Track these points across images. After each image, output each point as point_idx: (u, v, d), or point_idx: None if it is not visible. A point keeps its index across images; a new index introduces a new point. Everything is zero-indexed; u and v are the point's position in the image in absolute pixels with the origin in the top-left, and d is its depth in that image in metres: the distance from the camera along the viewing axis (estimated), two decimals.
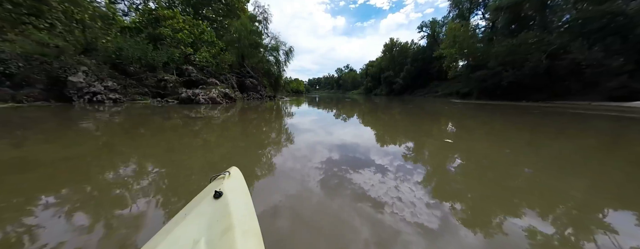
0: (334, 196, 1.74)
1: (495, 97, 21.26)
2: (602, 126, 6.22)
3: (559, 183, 2.05)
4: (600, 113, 9.72)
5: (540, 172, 2.38)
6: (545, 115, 8.59)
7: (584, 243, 1.23)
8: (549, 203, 1.69)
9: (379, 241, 1.21)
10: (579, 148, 3.60)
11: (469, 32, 26.50)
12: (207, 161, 2.66)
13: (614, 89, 15.37)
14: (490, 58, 21.99)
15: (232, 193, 0.88)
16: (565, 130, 5.46)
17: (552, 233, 1.31)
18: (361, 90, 66.85)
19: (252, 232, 0.67)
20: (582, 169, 2.59)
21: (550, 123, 6.59)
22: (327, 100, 22.17)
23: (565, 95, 17.80)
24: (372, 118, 8.07)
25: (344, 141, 3.71)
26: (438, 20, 38.34)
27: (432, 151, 3.32)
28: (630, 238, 1.27)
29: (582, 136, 4.78)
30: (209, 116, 7.03)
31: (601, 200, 1.78)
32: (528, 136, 4.69)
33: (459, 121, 7.35)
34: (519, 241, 1.24)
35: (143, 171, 2.24)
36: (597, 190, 1.99)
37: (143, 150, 3.18)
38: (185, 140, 3.73)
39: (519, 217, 1.46)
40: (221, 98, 11.78)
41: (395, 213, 1.50)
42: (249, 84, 17.90)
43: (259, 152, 3.10)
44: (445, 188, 2.02)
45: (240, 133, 4.57)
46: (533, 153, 3.24)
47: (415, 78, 41.54)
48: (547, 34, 18.89)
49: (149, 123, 5.48)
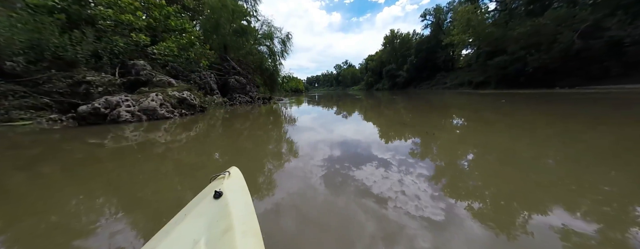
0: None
1: (517, 85, 19.19)
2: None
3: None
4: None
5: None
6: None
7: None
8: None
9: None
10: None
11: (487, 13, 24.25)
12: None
13: None
14: (509, 43, 19.84)
15: (232, 193, 0.88)
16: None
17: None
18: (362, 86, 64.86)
19: (252, 232, 0.67)
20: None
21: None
22: (329, 98, 19.81)
23: (603, 79, 15.72)
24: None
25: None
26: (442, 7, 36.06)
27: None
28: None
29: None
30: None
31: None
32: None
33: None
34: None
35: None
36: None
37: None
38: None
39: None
40: (172, 108, 6.49)
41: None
42: (234, 84, 12.55)
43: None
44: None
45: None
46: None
47: (420, 70, 39.44)
48: (579, 10, 16.65)
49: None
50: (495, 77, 21.36)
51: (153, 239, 0.73)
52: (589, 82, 15.96)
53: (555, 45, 16.77)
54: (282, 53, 17.70)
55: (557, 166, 2.20)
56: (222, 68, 13.30)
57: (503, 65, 20.08)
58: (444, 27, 36.04)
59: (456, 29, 24.96)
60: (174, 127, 5.05)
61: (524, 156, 2.50)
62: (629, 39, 14.28)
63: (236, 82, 13.03)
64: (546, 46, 17.30)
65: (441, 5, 36.30)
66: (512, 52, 19.28)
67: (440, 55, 37.10)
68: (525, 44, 18.36)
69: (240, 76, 13.47)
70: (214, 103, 9.65)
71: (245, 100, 12.49)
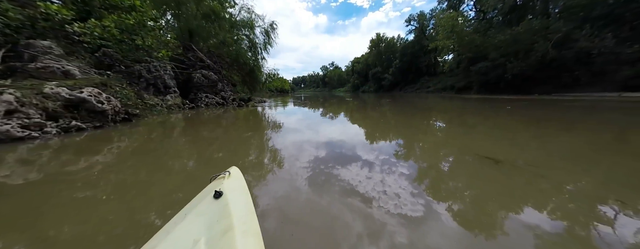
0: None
1: (497, 91, 20.00)
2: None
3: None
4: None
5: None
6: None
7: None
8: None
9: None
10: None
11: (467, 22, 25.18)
12: None
13: (629, 78, 14.32)
14: (490, 50, 20.63)
15: (232, 193, 0.88)
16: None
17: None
18: (348, 88, 65.19)
19: (252, 232, 0.68)
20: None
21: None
22: (319, 101, 18.88)
23: (573, 87, 16.79)
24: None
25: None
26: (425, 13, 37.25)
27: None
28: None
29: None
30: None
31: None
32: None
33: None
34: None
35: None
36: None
37: None
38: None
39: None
40: (38, 119, 3.50)
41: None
42: (200, 81, 9.59)
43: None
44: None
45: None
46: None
47: (405, 74, 40.36)
48: (553, 21, 17.71)
49: None
50: (477, 82, 22.15)
51: (153, 239, 0.73)
52: (562, 90, 17.01)
53: (532, 53, 17.67)
54: (265, 46, 14.24)
55: (532, 167, 2.31)
56: (185, 60, 9.97)
57: (484, 71, 20.85)
58: (426, 33, 37.23)
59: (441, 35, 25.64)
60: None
61: (503, 158, 2.71)
62: (595, 50, 15.39)
63: (203, 79, 9.76)
64: (523, 54, 18.20)
65: (425, 12, 37.45)
66: (493, 59, 20.08)
67: (423, 60, 38.26)
68: (505, 52, 19.19)
69: (211, 71, 10.33)
70: (163, 106, 6.97)
71: (214, 102, 9.52)
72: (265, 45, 14.38)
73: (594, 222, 1.32)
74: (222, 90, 10.63)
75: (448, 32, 24.27)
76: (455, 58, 27.66)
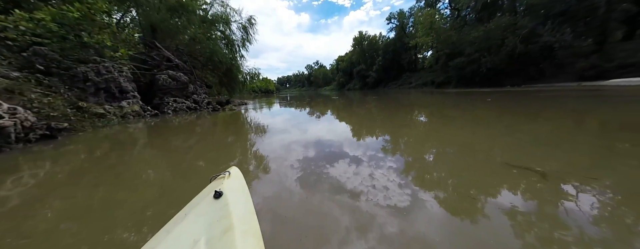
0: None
1: (474, 85, 21.12)
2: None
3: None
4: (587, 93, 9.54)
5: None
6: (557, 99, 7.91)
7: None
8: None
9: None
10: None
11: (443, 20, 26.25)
12: None
13: (585, 70, 15.77)
14: (465, 46, 21.72)
15: (232, 193, 0.88)
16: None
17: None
18: (334, 86, 65.53)
19: (252, 232, 0.68)
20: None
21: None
22: (306, 101, 18.65)
23: (540, 78, 18.17)
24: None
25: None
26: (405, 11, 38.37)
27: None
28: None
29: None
30: None
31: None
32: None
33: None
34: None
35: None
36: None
37: None
38: None
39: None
40: None
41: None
42: (166, 83, 8.35)
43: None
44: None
45: None
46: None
47: (387, 71, 41.34)
48: (519, 18, 19.00)
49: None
50: (455, 77, 23.24)
51: (153, 239, 0.73)
52: (529, 81, 18.35)
53: (502, 48, 18.86)
54: (243, 43, 12.94)
55: (503, 153, 2.52)
56: (148, 60, 8.78)
57: (461, 66, 21.93)
58: (406, 30, 38.37)
59: (420, 32, 26.52)
60: None
61: (478, 147, 2.89)
62: (557, 44, 16.76)
63: (170, 80, 8.40)
64: (495, 49, 19.37)
65: (404, 11, 38.55)
66: (468, 54, 21.17)
67: (404, 56, 39.44)
68: (479, 47, 20.32)
69: (180, 71, 9.15)
70: (116, 114, 5.83)
71: (184, 107, 8.19)
72: (243, 42, 13.01)
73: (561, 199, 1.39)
74: (194, 92, 9.33)
75: (427, 29, 25.19)
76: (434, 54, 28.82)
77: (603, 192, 1.47)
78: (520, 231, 1.14)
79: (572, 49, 16.43)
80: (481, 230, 1.16)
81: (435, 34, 24.70)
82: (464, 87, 21.47)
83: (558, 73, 17.38)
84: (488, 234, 1.12)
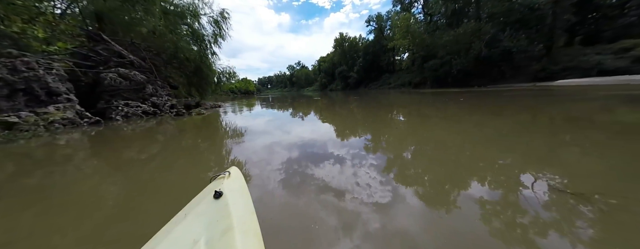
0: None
1: (446, 85, 22.72)
2: (559, 104, 6.53)
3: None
4: (542, 92, 10.89)
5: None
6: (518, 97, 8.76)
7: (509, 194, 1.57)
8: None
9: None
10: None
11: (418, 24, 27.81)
12: None
13: (537, 72, 17.88)
14: (438, 49, 23.29)
15: (232, 193, 0.89)
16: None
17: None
18: (316, 87, 65.81)
19: (252, 232, 0.68)
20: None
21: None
22: (285, 101, 18.41)
23: (501, 79, 20.17)
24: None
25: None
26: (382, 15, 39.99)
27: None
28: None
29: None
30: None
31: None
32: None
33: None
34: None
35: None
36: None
37: None
38: None
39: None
40: None
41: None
42: (116, 83, 7.04)
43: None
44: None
45: None
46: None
47: (368, 72, 42.67)
48: (483, 24, 20.91)
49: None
50: (430, 77, 24.83)
51: (153, 239, 0.73)
52: (492, 82, 20.30)
53: (470, 52, 20.62)
54: (215, 38, 11.53)
55: (468, 149, 2.79)
56: (93, 55, 7.37)
57: (435, 68, 23.49)
58: (385, 33, 40.02)
59: (398, 35, 27.85)
60: None
61: (451, 143, 3.16)
62: (514, 49, 18.78)
63: (121, 80, 7.06)
64: (464, 53, 21.10)
65: (382, 14, 40.15)
66: (441, 57, 22.77)
67: (383, 58, 41.04)
68: (450, 50, 21.97)
69: (135, 69, 7.84)
70: (38, 123, 4.64)
71: (140, 111, 6.90)
72: (215, 38, 11.53)
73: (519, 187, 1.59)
74: (153, 94, 7.90)
75: (403, 32, 26.53)
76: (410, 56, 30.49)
77: (556, 177, 1.72)
78: (488, 217, 1.27)
79: (527, 53, 18.56)
80: (455, 219, 1.26)
81: (411, 37, 26.14)
82: (438, 87, 23.04)
83: (516, 75, 19.49)
84: (461, 222, 1.22)
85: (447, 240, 1.09)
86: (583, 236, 1.09)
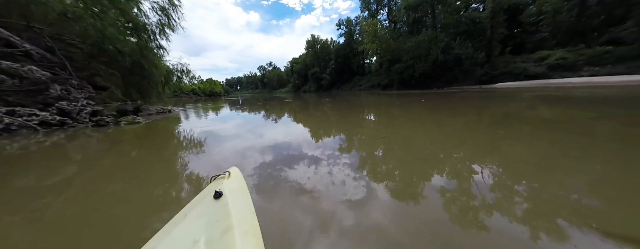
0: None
1: (411, 87, 24.84)
2: (503, 101, 7.83)
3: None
4: (488, 93, 12.71)
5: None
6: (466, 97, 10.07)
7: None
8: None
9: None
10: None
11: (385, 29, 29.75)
12: None
13: (481, 76, 20.80)
14: (402, 54, 25.35)
15: (232, 193, 0.89)
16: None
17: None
18: (289, 88, 65.15)
19: (252, 232, 0.68)
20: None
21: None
22: (255, 104, 17.72)
23: (454, 82, 22.88)
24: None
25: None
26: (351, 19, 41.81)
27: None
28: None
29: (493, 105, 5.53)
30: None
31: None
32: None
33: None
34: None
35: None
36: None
37: None
38: None
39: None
40: None
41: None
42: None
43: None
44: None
45: None
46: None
47: (340, 74, 43.99)
48: (438, 33, 23.52)
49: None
50: (397, 80, 26.83)
51: (153, 240, 0.73)
52: (447, 85, 22.92)
53: (429, 57, 22.95)
54: (162, 29, 9.42)
55: (430, 145, 3.15)
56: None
57: (400, 71, 25.50)
58: (354, 37, 41.90)
59: (367, 39, 29.44)
60: None
61: (417, 140, 3.50)
62: (464, 55, 21.56)
63: (4, 77, 5.39)
64: (424, 58, 23.38)
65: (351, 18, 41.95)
66: (405, 61, 24.83)
67: (354, 61, 42.83)
68: (413, 55, 24.11)
69: (34, 63, 6.05)
70: None
71: (35, 122, 5.19)
72: (162, 27, 9.37)
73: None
74: (63, 97, 6.12)
75: (372, 36, 28.17)
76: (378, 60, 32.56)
77: (494, 166, 2.09)
78: (448, 204, 1.46)
79: (473, 60, 21.51)
80: (423, 209, 1.42)
81: (378, 41, 27.93)
82: (404, 89, 25.06)
83: (466, 78, 22.41)
84: (428, 211, 1.39)
85: (418, 229, 1.23)
86: (518, 211, 1.36)
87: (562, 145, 2.64)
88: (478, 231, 1.20)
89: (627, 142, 2.65)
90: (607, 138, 2.85)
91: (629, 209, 1.33)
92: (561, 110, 5.34)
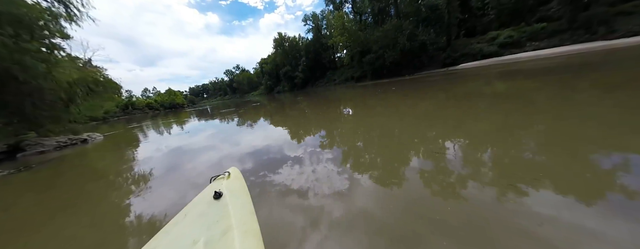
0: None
1: (383, 76, 25.89)
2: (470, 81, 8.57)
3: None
4: (450, 74, 13.81)
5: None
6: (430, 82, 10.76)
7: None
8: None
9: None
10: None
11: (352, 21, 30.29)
12: None
13: (445, 59, 22.43)
14: (372, 44, 26.19)
15: (232, 194, 0.90)
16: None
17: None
18: (262, 90, 63.43)
19: (252, 232, 0.68)
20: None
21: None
22: (225, 113, 16.84)
23: (422, 67, 24.37)
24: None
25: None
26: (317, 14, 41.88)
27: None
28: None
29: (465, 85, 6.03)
30: None
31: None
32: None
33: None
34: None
35: None
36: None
37: None
38: None
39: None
40: None
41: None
42: None
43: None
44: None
45: None
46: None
47: (313, 70, 44.02)
48: (403, 21, 24.71)
49: None
50: (369, 71, 27.71)
51: (153, 240, 0.74)
52: (416, 70, 24.34)
53: (396, 45, 24.06)
54: (54, 20, 6.62)
55: (407, 128, 3.36)
56: None
57: (371, 62, 26.37)
58: (322, 31, 42.10)
59: (335, 32, 29.78)
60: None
61: (392, 126, 3.67)
62: (428, 41, 23.04)
63: None
64: (392, 46, 24.45)
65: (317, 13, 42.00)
66: (375, 51, 25.72)
67: (324, 56, 43.13)
68: (382, 45, 25.05)
69: None
70: None
71: None
72: (55, 18, 6.60)
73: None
74: None
75: (340, 29, 28.58)
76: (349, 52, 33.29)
77: (461, 140, 2.30)
78: (428, 181, 1.58)
79: (436, 45, 23.12)
80: (405, 189, 1.52)
81: (347, 33, 28.47)
82: (377, 79, 26.01)
83: (432, 63, 24.03)
84: (410, 190, 1.49)
85: (404, 209, 1.32)
86: (485, 177, 1.52)
87: (514, 113, 3.00)
88: (456, 201, 1.31)
89: (564, 103, 3.11)
90: (547, 103, 3.30)
91: (565, 157, 1.57)
92: (511, 83, 6.04)
